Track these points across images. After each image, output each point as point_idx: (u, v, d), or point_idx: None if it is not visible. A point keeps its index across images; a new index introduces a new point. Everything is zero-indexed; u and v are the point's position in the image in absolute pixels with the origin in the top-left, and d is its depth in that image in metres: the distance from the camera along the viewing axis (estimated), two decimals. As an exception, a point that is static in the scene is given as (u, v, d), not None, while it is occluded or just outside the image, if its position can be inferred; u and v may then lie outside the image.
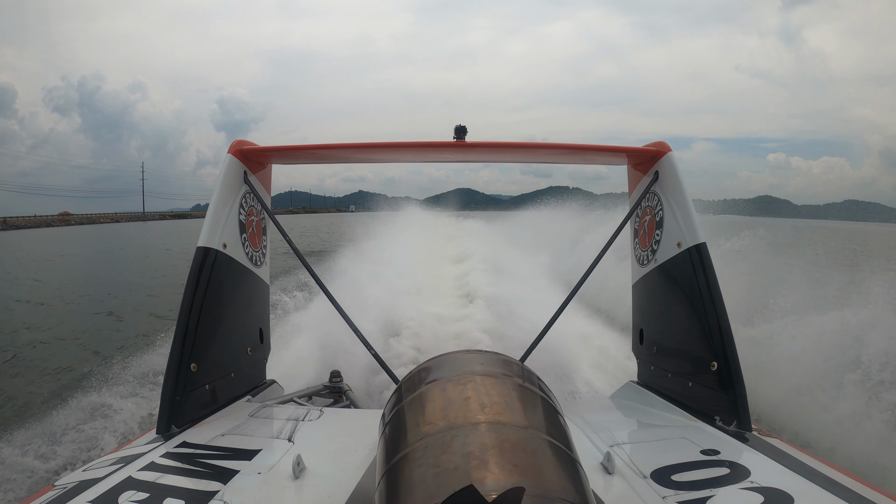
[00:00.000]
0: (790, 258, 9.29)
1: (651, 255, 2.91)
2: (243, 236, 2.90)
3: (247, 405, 2.74)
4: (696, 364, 2.50)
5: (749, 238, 10.06)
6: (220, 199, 2.74)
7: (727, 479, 1.74)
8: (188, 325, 2.42)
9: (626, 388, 3.12)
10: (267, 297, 3.29)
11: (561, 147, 3.33)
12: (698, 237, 2.54)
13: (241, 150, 2.89)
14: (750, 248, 9.69)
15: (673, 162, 2.79)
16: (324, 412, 2.58)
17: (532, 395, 1.32)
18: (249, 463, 1.93)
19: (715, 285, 2.45)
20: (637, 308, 3.17)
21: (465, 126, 2.86)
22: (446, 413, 1.20)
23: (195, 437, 2.19)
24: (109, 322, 11.06)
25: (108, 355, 7.61)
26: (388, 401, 1.49)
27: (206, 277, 2.53)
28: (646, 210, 3.00)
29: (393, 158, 3.57)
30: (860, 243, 18.56)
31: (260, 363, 3.18)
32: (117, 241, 43.73)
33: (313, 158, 3.45)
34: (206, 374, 2.49)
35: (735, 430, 2.20)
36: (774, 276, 8.08)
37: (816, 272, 8.02)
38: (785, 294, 6.85)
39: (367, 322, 5.82)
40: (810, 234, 9.45)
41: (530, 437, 1.13)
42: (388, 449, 1.25)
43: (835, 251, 8.34)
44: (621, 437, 2.18)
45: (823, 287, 7.20)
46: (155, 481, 1.73)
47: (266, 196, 3.20)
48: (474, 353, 1.53)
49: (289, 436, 2.23)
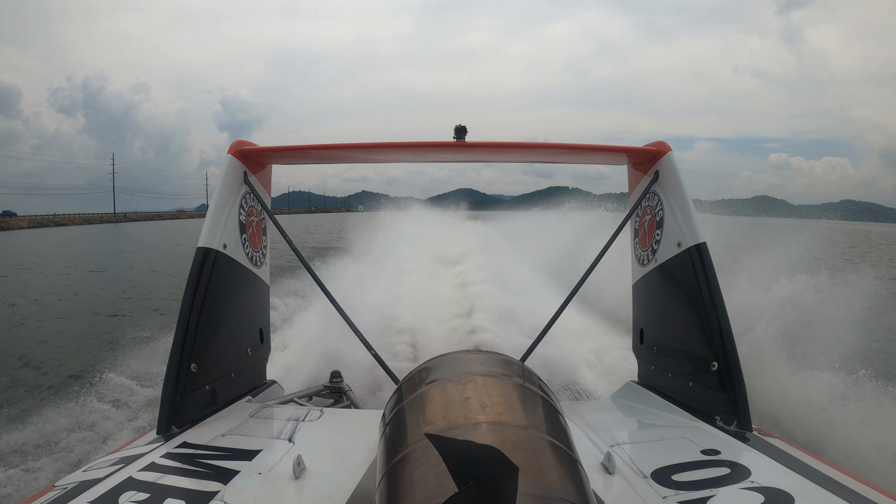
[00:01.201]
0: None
1: (651, 255, 2.91)
2: (243, 237, 2.90)
3: (247, 405, 2.74)
4: (696, 364, 2.50)
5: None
6: (221, 199, 2.74)
7: (728, 479, 1.74)
8: (188, 325, 2.42)
9: (626, 388, 3.12)
10: (267, 298, 3.29)
11: (561, 147, 3.33)
12: (698, 237, 2.54)
13: (240, 150, 2.89)
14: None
15: (673, 162, 2.79)
16: (324, 412, 2.58)
17: (532, 396, 1.32)
18: (250, 463, 1.93)
19: (715, 285, 2.45)
20: (637, 308, 3.17)
21: (465, 126, 2.86)
22: (447, 413, 1.20)
23: (195, 438, 2.19)
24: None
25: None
26: (389, 401, 1.49)
27: (207, 278, 2.53)
28: (646, 210, 3.00)
29: (393, 158, 3.58)
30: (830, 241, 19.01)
31: (260, 363, 3.18)
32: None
33: (313, 158, 3.45)
34: (206, 375, 2.49)
35: (735, 430, 2.20)
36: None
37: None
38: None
39: (374, 318, 5.88)
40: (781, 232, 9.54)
41: (531, 437, 1.13)
42: (389, 449, 1.25)
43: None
44: (622, 437, 2.18)
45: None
46: (155, 482, 1.73)
47: (266, 196, 3.20)
48: (475, 353, 1.53)
49: (289, 436, 2.23)
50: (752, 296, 6.56)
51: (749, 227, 13.14)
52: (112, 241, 42.54)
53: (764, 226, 16.83)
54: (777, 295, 6.67)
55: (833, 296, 6.71)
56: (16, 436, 4.61)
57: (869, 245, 31.44)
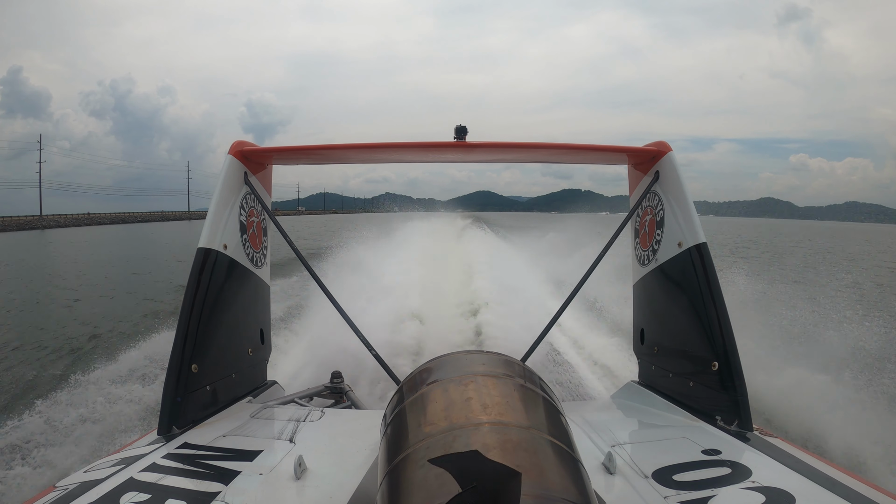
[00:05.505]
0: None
1: (652, 255, 2.91)
2: (244, 237, 2.90)
3: (248, 406, 2.74)
4: (697, 364, 2.50)
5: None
6: (221, 200, 2.74)
7: (728, 479, 1.74)
8: (189, 326, 2.42)
9: (627, 388, 3.12)
10: (268, 298, 3.29)
11: (561, 147, 3.33)
12: (699, 237, 2.54)
13: (241, 150, 2.88)
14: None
15: (673, 162, 2.79)
16: (325, 413, 2.58)
17: (534, 396, 1.32)
18: (251, 464, 1.93)
19: (716, 285, 2.45)
20: (638, 308, 3.17)
21: (466, 126, 2.87)
22: (448, 413, 1.20)
23: (196, 438, 2.19)
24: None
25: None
26: (390, 401, 1.49)
27: (207, 278, 2.53)
28: (646, 210, 3.00)
29: (394, 159, 3.57)
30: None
31: (261, 364, 3.18)
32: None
33: (314, 159, 3.45)
34: (207, 375, 2.49)
35: (736, 430, 2.20)
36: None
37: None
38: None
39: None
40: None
41: (532, 437, 1.13)
42: (390, 449, 1.25)
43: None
44: (623, 437, 2.18)
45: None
46: (156, 482, 1.73)
47: (267, 197, 3.20)
48: (476, 353, 1.53)
49: (290, 436, 2.23)
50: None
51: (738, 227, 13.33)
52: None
53: (760, 226, 17.00)
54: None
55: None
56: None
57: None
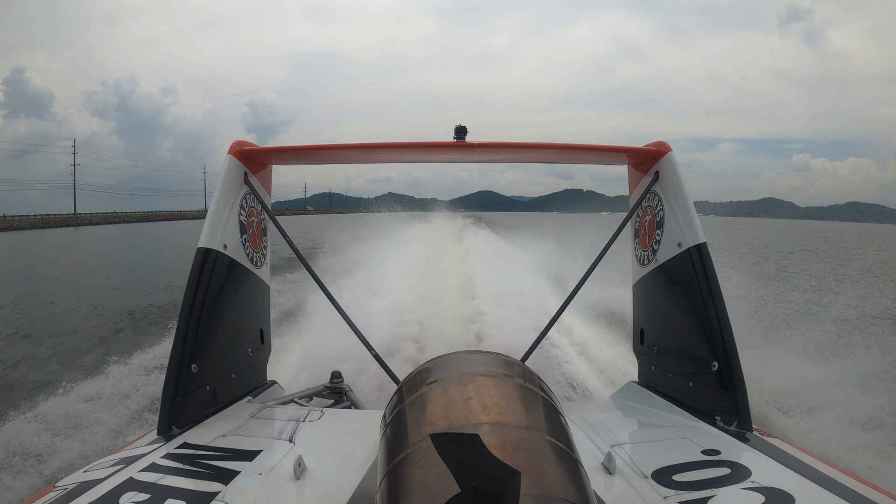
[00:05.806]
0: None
1: (651, 255, 2.91)
2: (244, 237, 2.90)
3: (247, 406, 2.74)
4: (696, 364, 2.50)
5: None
6: (221, 200, 2.74)
7: (728, 479, 1.74)
8: (189, 325, 2.42)
9: (626, 389, 3.12)
10: (267, 298, 3.29)
11: (561, 147, 3.33)
12: (699, 237, 2.54)
13: (241, 150, 2.88)
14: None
15: (673, 162, 2.79)
16: (325, 413, 2.58)
17: (533, 396, 1.32)
18: (250, 464, 1.93)
19: (716, 285, 2.45)
20: (638, 308, 3.17)
21: (466, 126, 2.86)
22: (448, 413, 1.20)
23: (196, 438, 2.19)
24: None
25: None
26: (389, 401, 1.49)
27: (207, 278, 2.53)
28: (646, 210, 3.00)
29: (394, 159, 3.57)
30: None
31: (260, 364, 3.18)
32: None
33: (314, 159, 3.45)
34: (206, 375, 2.49)
35: (736, 430, 2.20)
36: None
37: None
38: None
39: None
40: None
41: (531, 437, 1.13)
42: (390, 449, 1.25)
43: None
44: (622, 438, 2.18)
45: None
46: (156, 482, 1.73)
47: (266, 197, 3.20)
48: (475, 353, 1.53)
49: (290, 436, 2.23)
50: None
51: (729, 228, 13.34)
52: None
53: (757, 227, 17.01)
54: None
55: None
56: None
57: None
